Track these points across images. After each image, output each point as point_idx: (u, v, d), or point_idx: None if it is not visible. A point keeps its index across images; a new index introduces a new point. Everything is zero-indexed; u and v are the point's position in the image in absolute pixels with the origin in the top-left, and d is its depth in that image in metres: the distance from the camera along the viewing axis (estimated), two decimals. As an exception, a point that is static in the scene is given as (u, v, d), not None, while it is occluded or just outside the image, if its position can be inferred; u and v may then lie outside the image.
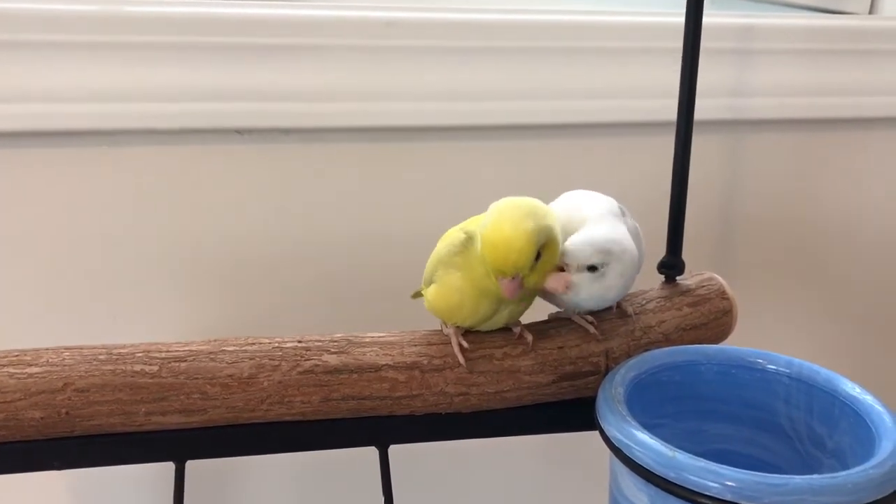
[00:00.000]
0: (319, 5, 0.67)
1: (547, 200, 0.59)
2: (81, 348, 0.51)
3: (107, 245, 0.67)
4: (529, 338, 0.54)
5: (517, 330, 0.54)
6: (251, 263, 0.70)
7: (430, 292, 0.54)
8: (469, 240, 0.51)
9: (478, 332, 0.55)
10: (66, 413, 0.49)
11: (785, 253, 0.82)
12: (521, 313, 0.54)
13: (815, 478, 0.41)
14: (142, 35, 0.63)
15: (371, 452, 0.56)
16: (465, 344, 0.53)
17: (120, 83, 0.64)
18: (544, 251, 0.49)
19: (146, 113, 0.65)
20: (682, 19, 0.62)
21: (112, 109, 0.64)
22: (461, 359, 0.53)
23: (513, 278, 0.48)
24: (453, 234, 0.53)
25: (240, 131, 0.68)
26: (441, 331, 0.55)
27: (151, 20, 0.63)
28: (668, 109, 0.69)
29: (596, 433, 0.48)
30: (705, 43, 0.62)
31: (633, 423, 0.46)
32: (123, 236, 0.67)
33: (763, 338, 0.69)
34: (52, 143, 0.64)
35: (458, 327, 0.54)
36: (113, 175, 0.66)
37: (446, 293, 0.52)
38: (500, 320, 0.53)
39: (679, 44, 0.63)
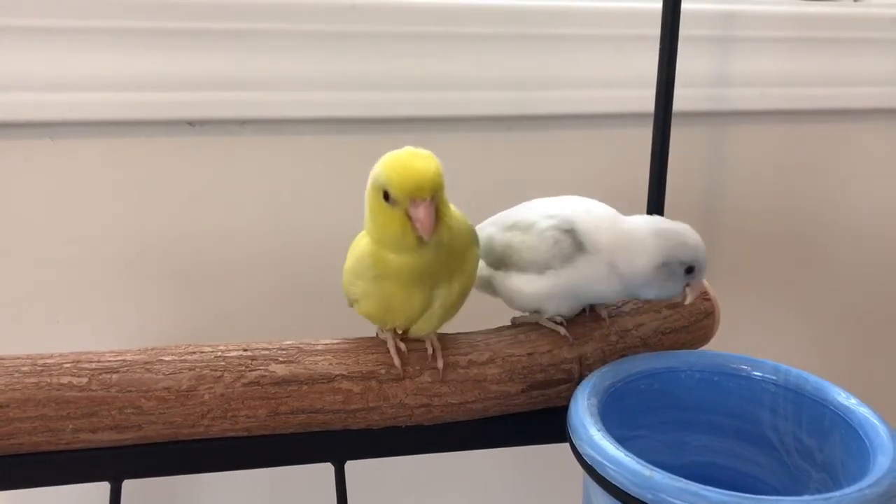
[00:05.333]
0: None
1: (520, 194, 0.55)
2: (2, 359, 0.47)
3: (46, 244, 0.63)
4: (440, 364, 0.50)
5: (430, 350, 0.50)
6: (202, 264, 0.66)
7: (358, 303, 0.50)
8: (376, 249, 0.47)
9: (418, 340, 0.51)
10: (-17, 432, 0.45)
11: (768, 250, 0.79)
12: (456, 304, 0.50)
13: (805, 499, 0.38)
14: (84, 19, 0.59)
15: (326, 468, 0.52)
16: (402, 347, 0.49)
17: (61, 70, 0.59)
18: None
19: (90, 102, 0.61)
20: (660, 5, 0.58)
21: (53, 99, 0.60)
22: (397, 361, 0.49)
23: (430, 200, 0.44)
24: (361, 248, 0.49)
25: (191, 123, 0.64)
26: (377, 336, 0.51)
27: (95, 3, 0.59)
28: (647, 100, 0.66)
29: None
30: (685, 31, 0.59)
31: (608, 438, 0.42)
32: (64, 234, 0.63)
33: (746, 341, 0.66)
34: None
35: (394, 331, 0.50)
36: (54, 169, 0.62)
37: (375, 300, 0.49)
38: (433, 319, 0.49)
39: (657, 31, 0.59)
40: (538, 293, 0.51)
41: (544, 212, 0.51)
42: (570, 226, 0.50)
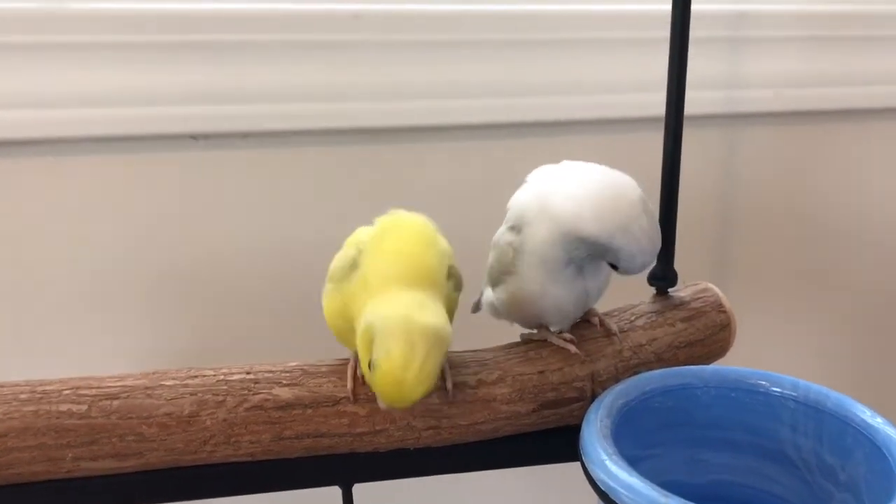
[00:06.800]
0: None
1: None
2: (1, 386, 0.46)
3: (46, 262, 0.62)
4: (450, 385, 0.47)
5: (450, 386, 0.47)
6: (206, 279, 0.65)
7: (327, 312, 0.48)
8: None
9: None
10: (-19, 462, 0.44)
11: (783, 257, 0.77)
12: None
13: (830, 526, 0.36)
14: (86, 34, 0.58)
15: (333, 492, 0.50)
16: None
17: (61, 87, 0.59)
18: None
19: (90, 119, 0.60)
20: (669, 7, 0.56)
21: (53, 115, 0.59)
22: (349, 384, 0.46)
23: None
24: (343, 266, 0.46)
25: (194, 137, 0.63)
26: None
27: (95, 18, 0.58)
28: (657, 104, 0.64)
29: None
30: (695, 32, 0.58)
31: (622, 463, 0.41)
32: (65, 254, 0.62)
33: (759, 351, 0.64)
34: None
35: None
36: (56, 187, 0.61)
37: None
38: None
39: (667, 33, 0.58)
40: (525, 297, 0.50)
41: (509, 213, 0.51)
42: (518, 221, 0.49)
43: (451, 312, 0.45)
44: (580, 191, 0.47)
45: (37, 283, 0.62)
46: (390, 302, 0.42)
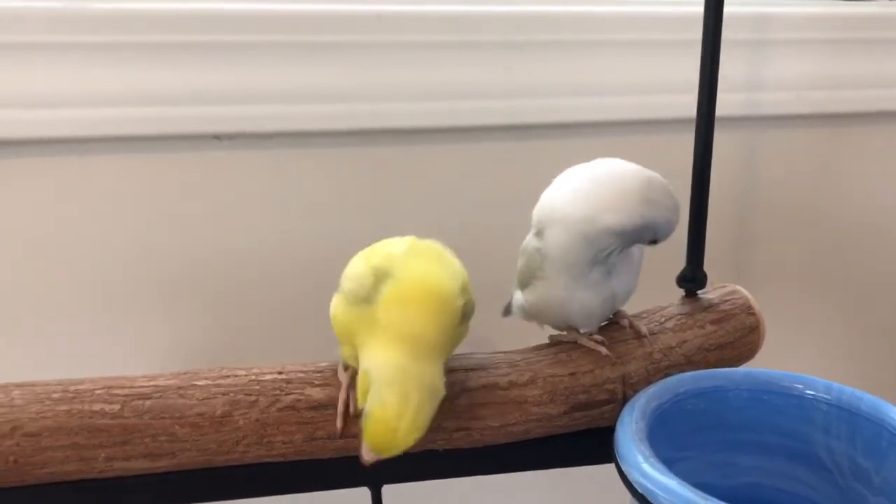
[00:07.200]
0: (303, -1, 0.62)
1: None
2: (34, 385, 0.46)
3: (69, 263, 0.62)
4: None
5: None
6: (231, 281, 0.65)
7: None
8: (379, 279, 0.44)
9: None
10: (15, 461, 0.43)
11: (805, 259, 0.77)
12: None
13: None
14: (110, 34, 0.58)
15: (363, 493, 0.50)
16: (353, 401, 0.46)
17: (85, 86, 0.58)
18: None
19: (115, 118, 0.59)
20: (692, 9, 0.56)
21: (77, 115, 0.59)
22: (339, 419, 0.46)
23: None
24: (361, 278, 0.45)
25: (218, 137, 0.62)
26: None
27: (121, 17, 0.58)
28: (679, 106, 0.64)
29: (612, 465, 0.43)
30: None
31: (659, 465, 0.40)
32: (88, 253, 0.62)
33: (784, 356, 0.64)
34: (8, 153, 0.59)
35: (350, 376, 0.47)
36: (79, 186, 0.61)
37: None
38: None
39: (690, 35, 0.58)
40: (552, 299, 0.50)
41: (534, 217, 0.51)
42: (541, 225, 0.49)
43: (456, 345, 0.46)
44: (585, 191, 0.47)
45: (58, 283, 0.62)
46: (390, 351, 0.42)
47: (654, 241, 0.47)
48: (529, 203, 0.65)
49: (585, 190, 0.47)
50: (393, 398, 0.40)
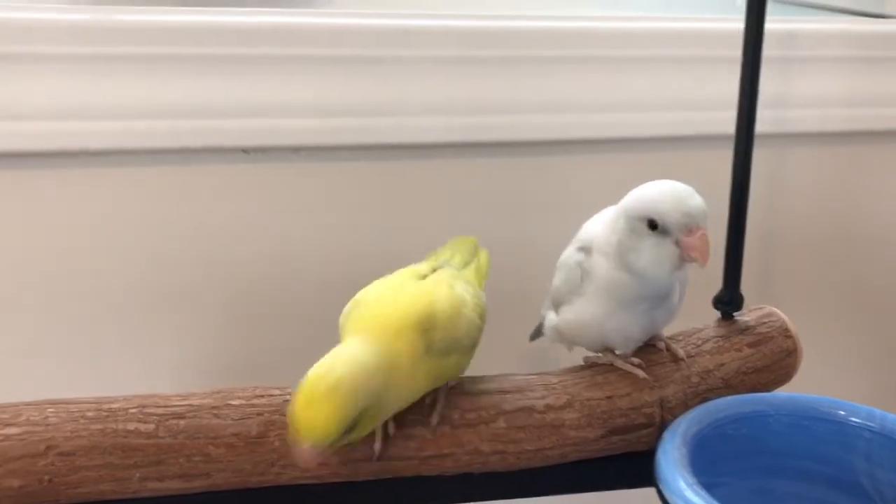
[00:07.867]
0: (330, 13, 0.62)
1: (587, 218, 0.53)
2: (68, 403, 0.45)
3: (96, 278, 0.61)
4: (435, 420, 0.47)
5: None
6: (261, 296, 0.64)
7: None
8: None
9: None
10: (50, 481, 0.43)
11: (837, 279, 0.76)
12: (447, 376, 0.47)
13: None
14: (137, 46, 0.58)
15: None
16: (390, 431, 0.46)
17: (113, 99, 0.58)
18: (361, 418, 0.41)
19: (142, 131, 0.59)
20: (720, 25, 0.56)
21: (106, 128, 0.59)
22: (378, 442, 0.45)
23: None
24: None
25: (245, 150, 0.62)
26: None
27: (147, 29, 0.58)
28: (709, 122, 0.64)
29: (648, 490, 0.42)
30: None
31: (702, 492, 0.40)
32: (116, 267, 0.62)
33: (816, 378, 0.63)
34: (34, 164, 0.59)
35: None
36: (108, 199, 0.61)
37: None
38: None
39: (716, 52, 0.57)
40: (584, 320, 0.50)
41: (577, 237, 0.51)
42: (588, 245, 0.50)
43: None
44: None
45: (83, 293, 0.62)
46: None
47: (653, 226, 0.46)
48: (551, 219, 0.64)
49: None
50: (316, 369, 0.41)
